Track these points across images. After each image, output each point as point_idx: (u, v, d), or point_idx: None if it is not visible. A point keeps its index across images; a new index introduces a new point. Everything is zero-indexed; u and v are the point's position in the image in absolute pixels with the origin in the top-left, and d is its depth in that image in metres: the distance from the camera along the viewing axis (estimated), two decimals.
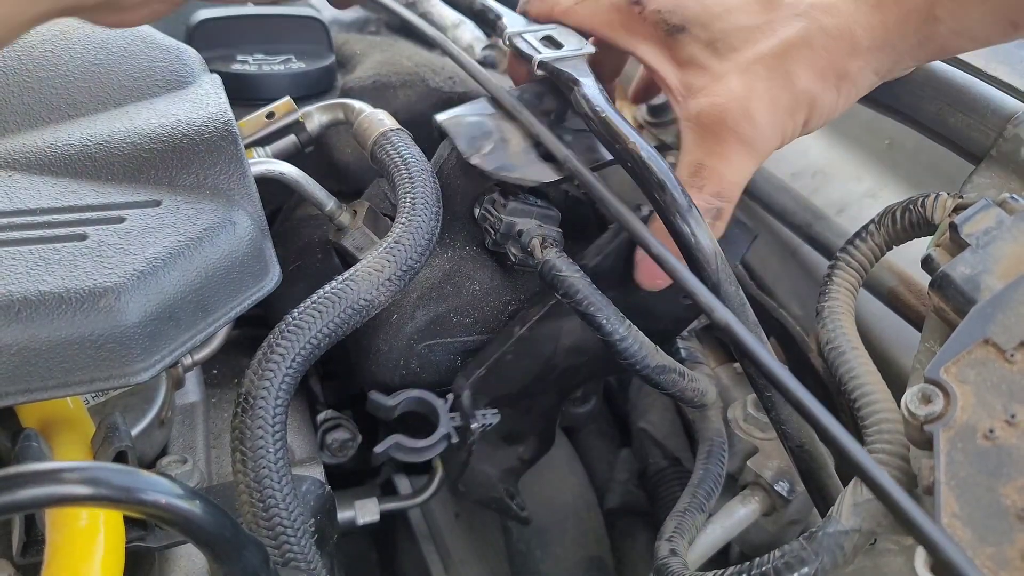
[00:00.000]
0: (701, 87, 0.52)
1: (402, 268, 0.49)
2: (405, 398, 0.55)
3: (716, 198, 0.52)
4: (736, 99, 0.50)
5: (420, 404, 0.56)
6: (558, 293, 0.52)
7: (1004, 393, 0.38)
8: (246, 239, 0.47)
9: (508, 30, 0.60)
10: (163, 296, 0.42)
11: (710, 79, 0.52)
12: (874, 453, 0.44)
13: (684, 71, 0.53)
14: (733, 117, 0.50)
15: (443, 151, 0.58)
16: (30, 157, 0.46)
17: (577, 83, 0.54)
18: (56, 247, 0.41)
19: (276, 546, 0.41)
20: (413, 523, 0.86)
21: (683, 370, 0.55)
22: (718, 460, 0.61)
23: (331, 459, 0.70)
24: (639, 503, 0.76)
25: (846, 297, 0.51)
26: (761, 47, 0.51)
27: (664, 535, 0.55)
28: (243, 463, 0.43)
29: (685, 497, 0.58)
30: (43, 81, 0.49)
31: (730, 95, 0.51)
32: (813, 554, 0.42)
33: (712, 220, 0.52)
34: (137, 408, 0.52)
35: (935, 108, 0.56)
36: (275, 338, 0.45)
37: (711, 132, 0.51)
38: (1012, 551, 0.35)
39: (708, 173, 0.51)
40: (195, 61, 0.54)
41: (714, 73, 0.52)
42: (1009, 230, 0.43)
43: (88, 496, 0.29)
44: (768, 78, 0.51)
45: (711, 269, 0.46)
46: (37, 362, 0.39)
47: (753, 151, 0.51)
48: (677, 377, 0.54)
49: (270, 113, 0.61)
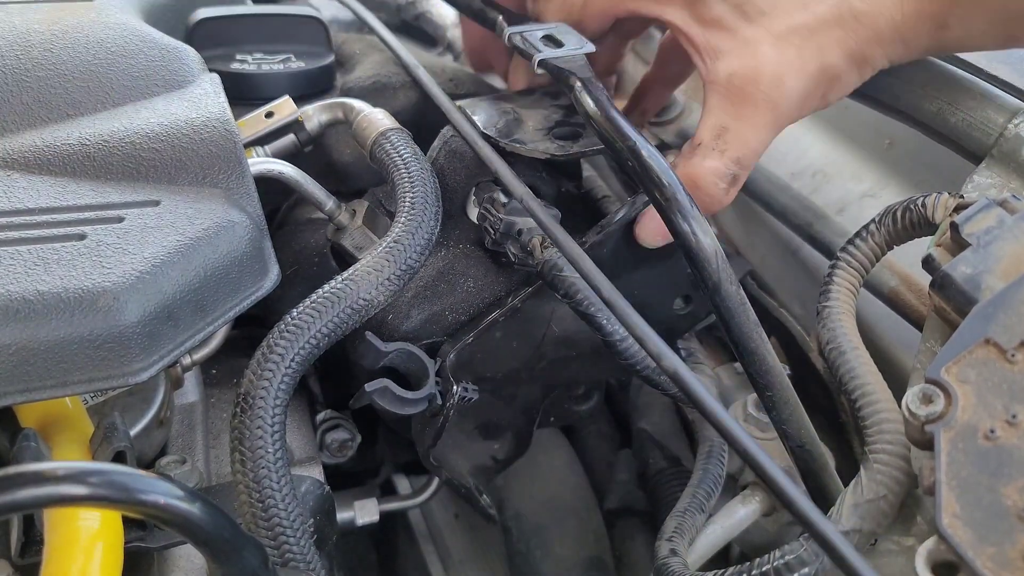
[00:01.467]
0: (729, 49, 0.52)
1: (401, 268, 0.49)
2: (397, 349, 0.55)
3: (735, 164, 0.52)
4: (770, 65, 0.51)
5: (410, 360, 0.55)
6: (559, 293, 0.52)
7: (1005, 393, 0.38)
8: (245, 238, 0.47)
9: (508, 29, 0.60)
10: (162, 296, 0.42)
11: (739, 43, 0.52)
12: (874, 453, 0.44)
13: (710, 31, 0.53)
14: (766, 82, 0.51)
15: (433, 150, 0.58)
16: (29, 156, 0.46)
17: (577, 82, 0.54)
18: (55, 247, 0.41)
19: (275, 546, 0.41)
20: (413, 523, 0.86)
21: None
22: (718, 460, 0.61)
23: (330, 459, 0.70)
24: (639, 503, 0.76)
25: (847, 297, 0.50)
26: (795, 18, 0.51)
27: (664, 535, 0.54)
28: (242, 463, 0.42)
29: (685, 497, 0.58)
30: (42, 80, 0.49)
31: (763, 60, 0.51)
32: (813, 554, 0.42)
33: (728, 186, 0.52)
34: (136, 408, 0.52)
35: (936, 107, 0.56)
36: (274, 338, 0.45)
37: (741, 96, 0.51)
38: (1013, 551, 0.34)
39: (732, 137, 0.52)
40: (194, 60, 0.54)
41: (743, 37, 0.52)
42: (1010, 230, 0.43)
43: (87, 496, 0.29)
44: (801, 48, 0.51)
45: (712, 268, 0.46)
46: (36, 362, 0.38)
47: (778, 119, 0.52)
48: None
49: (269, 112, 0.61)
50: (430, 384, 0.55)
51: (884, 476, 0.42)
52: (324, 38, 0.71)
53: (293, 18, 0.71)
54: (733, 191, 0.53)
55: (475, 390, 0.56)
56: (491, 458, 0.64)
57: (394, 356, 0.55)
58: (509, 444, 0.64)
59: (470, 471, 0.63)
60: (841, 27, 0.51)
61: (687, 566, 0.51)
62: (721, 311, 0.46)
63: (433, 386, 0.55)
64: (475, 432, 0.62)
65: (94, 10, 0.55)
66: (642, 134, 0.50)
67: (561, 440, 0.83)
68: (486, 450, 0.63)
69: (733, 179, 0.52)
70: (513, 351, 0.58)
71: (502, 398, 0.60)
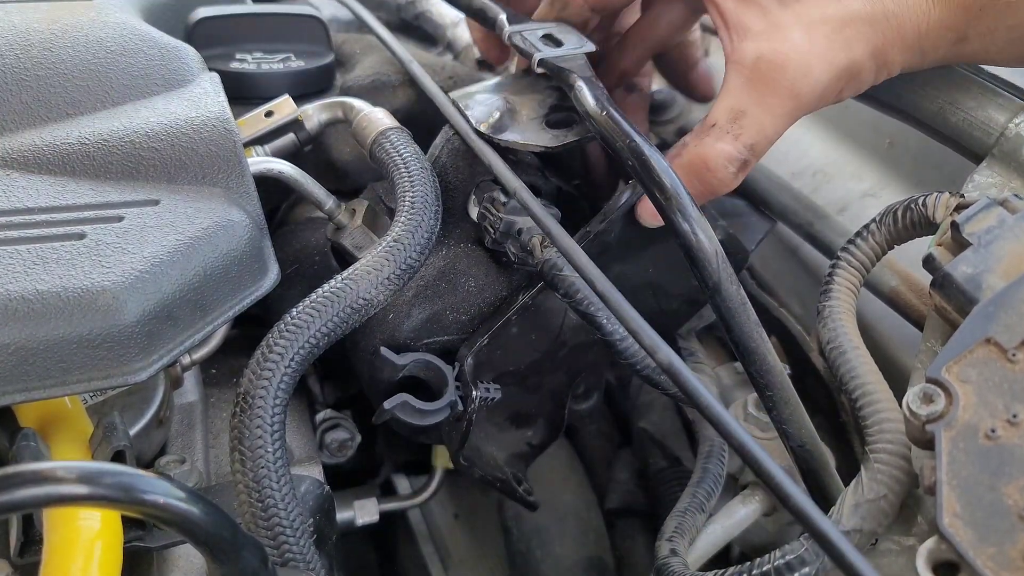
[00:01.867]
0: (759, 31, 0.51)
1: (401, 267, 0.48)
2: (414, 360, 0.55)
3: (748, 150, 0.51)
4: (799, 53, 0.50)
5: (428, 368, 0.55)
6: (558, 293, 0.52)
7: (1006, 393, 0.38)
8: (245, 238, 0.47)
9: (508, 28, 0.59)
10: (161, 295, 0.41)
11: (769, 25, 0.51)
12: (875, 453, 0.43)
13: (743, 8, 0.52)
14: (793, 70, 0.50)
15: (435, 148, 0.58)
16: (28, 156, 0.46)
17: (577, 81, 0.54)
18: (54, 246, 0.41)
19: (275, 546, 0.41)
20: (413, 523, 0.86)
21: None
22: (718, 460, 0.61)
23: (330, 459, 0.70)
24: (639, 503, 0.76)
25: (847, 297, 0.50)
26: (828, 9, 0.51)
27: (664, 535, 0.54)
28: (242, 463, 0.42)
29: (685, 497, 0.58)
30: (41, 80, 0.49)
31: (792, 47, 0.50)
32: (814, 554, 0.42)
33: (737, 170, 0.51)
34: (135, 407, 0.52)
35: (936, 107, 0.56)
36: (274, 337, 0.45)
37: (764, 81, 0.50)
38: (1014, 551, 0.34)
39: (749, 122, 0.51)
40: (194, 59, 0.54)
41: (774, 20, 0.51)
42: (1011, 229, 0.43)
43: (86, 496, 0.28)
44: (830, 40, 0.50)
45: (712, 268, 0.46)
46: (35, 361, 0.38)
47: (798, 109, 0.51)
48: None
49: (269, 112, 0.61)
50: (450, 391, 0.54)
51: (885, 476, 0.42)
52: (324, 37, 0.71)
53: (293, 17, 0.71)
54: (741, 176, 0.52)
55: (497, 389, 0.56)
56: (526, 444, 0.63)
57: (412, 367, 0.55)
58: (542, 429, 0.64)
59: (506, 461, 0.62)
60: (872, 25, 0.50)
61: (687, 566, 0.51)
62: (722, 311, 0.46)
63: (453, 392, 0.55)
64: (506, 423, 0.61)
65: (94, 9, 0.54)
66: (642, 133, 0.50)
67: (561, 440, 0.83)
68: (520, 438, 0.63)
69: (743, 164, 0.51)
70: (532, 343, 0.57)
71: (528, 388, 0.60)
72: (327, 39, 0.72)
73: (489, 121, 0.56)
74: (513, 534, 0.77)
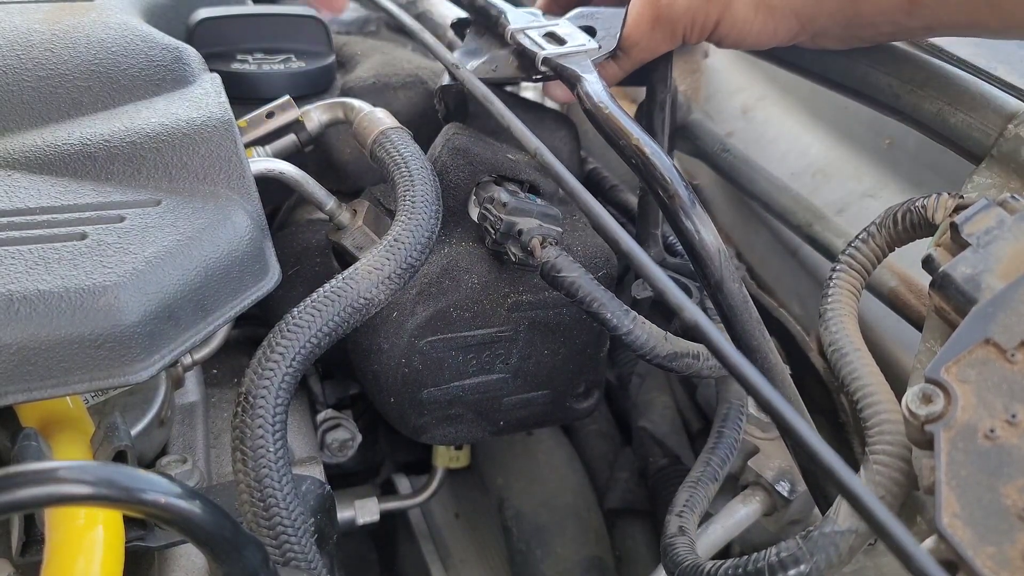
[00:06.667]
0: None
1: (402, 266, 0.49)
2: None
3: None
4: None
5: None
6: (560, 292, 0.52)
7: (1005, 393, 0.38)
8: (246, 238, 0.47)
9: (511, 27, 0.59)
10: (162, 295, 0.42)
11: None
12: (875, 454, 0.44)
13: None
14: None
15: (435, 147, 0.58)
16: (30, 156, 0.46)
17: (580, 79, 0.54)
18: (56, 246, 0.41)
19: (276, 546, 0.41)
20: (413, 523, 0.86)
21: (697, 351, 0.55)
22: (735, 424, 0.60)
23: (331, 459, 0.70)
24: (639, 502, 0.76)
25: (848, 299, 0.50)
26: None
27: (675, 508, 0.54)
28: (243, 462, 0.42)
29: (699, 465, 0.58)
30: (43, 80, 0.49)
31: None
32: (808, 553, 0.42)
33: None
34: (137, 407, 0.52)
35: (936, 108, 0.56)
36: (275, 337, 0.45)
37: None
38: (1013, 551, 0.34)
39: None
40: (195, 60, 0.54)
41: None
42: (1010, 230, 0.43)
43: (87, 496, 0.28)
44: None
45: (714, 266, 0.46)
46: (36, 361, 0.38)
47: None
48: (691, 360, 0.54)
49: (270, 112, 0.61)
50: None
51: (884, 476, 0.43)
52: (324, 38, 0.71)
53: (293, 18, 0.71)
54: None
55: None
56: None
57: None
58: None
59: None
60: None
61: (694, 545, 0.51)
62: (723, 309, 0.46)
63: None
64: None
65: (95, 10, 0.55)
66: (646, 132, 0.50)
67: (561, 439, 0.83)
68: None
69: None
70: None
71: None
72: (328, 40, 0.72)
73: (471, 65, 0.60)
74: (513, 534, 0.77)
